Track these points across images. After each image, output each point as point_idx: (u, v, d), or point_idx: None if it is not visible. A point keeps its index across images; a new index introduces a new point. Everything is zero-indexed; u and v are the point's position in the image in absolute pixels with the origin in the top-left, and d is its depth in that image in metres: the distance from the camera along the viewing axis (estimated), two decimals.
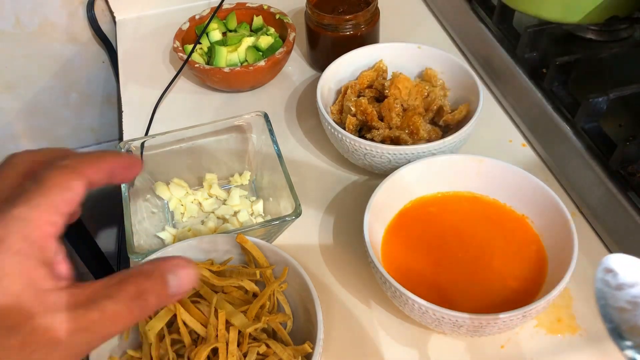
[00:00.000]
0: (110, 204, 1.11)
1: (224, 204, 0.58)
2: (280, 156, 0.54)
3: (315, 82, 0.63)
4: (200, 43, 0.74)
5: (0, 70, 0.86)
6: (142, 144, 0.56)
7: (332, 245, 0.55)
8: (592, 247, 0.53)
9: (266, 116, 0.57)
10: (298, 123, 0.68)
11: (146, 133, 0.67)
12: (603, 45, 0.67)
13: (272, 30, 0.75)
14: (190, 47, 0.71)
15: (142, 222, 0.53)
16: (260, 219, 0.57)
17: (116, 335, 0.27)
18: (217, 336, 0.41)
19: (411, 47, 0.64)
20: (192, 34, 0.75)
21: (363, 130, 0.61)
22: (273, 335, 0.44)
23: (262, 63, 0.68)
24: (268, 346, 0.41)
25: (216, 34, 0.75)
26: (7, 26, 0.82)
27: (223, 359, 0.40)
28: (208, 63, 0.72)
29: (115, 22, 0.86)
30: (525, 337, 0.47)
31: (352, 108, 0.59)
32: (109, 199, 1.10)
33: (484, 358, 0.46)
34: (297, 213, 0.49)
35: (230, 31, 0.77)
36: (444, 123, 0.61)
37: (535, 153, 0.62)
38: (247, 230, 0.49)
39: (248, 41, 0.73)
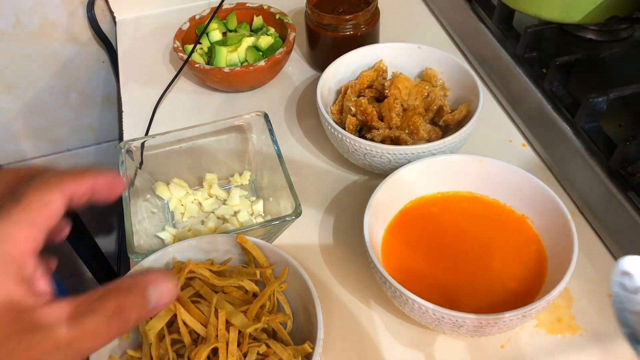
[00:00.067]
0: (110, 204, 1.11)
1: (224, 204, 0.58)
2: (280, 156, 0.54)
3: (315, 82, 0.63)
4: (200, 43, 0.74)
5: (0, 70, 0.87)
6: (142, 144, 0.56)
7: (332, 245, 0.55)
8: (592, 247, 0.53)
9: (266, 116, 0.57)
10: (298, 123, 0.68)
11: (146, 133, 0.67)
12: (603, 45, 0.67)
13: (272, 30, 0.75)
14: (190, 47, 0.71)
15: (142, 222, 0.53)
16: (260, 219, 0.57)
17: (97, 350, 0.27)
18: (217, 336, 0.41)
19: (411, 47, 0.64)
20: (192, 34, 0.75)
21: (363, 130, 0.61)
22: (273, 335, 0.44)
23: (262, 63, 0.68)
24: (268, 346, 0.41)
25: (216, 34, 0.75)
26: (7, 26, 0.82)
27: (223, 359, 0.40)
28: (208, 63, 0.72)
29: (115, 22, 0.86)
30: (525, 337, 0.47)
31: (352, 108, 0.59)
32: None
33: (484, 358, 0.46)
34: (297, 213, 0.49)
35: (230, 31, 0.77)
36: (444, 123, 0.61)
37: (535, 153, 0.62)
38: (247, 230, 0.49)
39: (248, 41, 0.73)
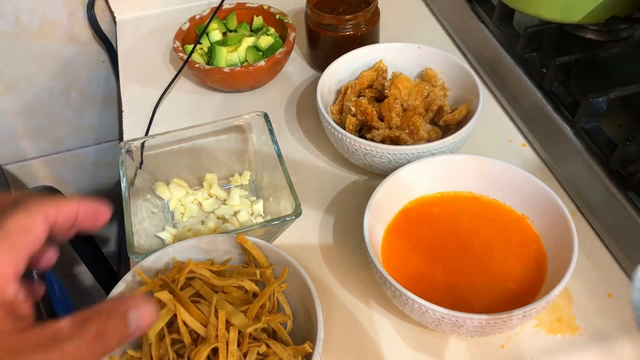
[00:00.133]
0: (110, 204, 1.11)
1: (224, 204, 0.58)
2: (280, 156, 0.54)
3: (315, 82, 0.63)
4: (200, 43, 0.74)
5: (0, 70, 0.87)
6: (142, 144, 0.56)
7: (332, 245, 0.55)
8: (592, 247, 0.53)
9: (266, 116, 0.57)
10: (298, 123, 0.68)
11: (146, 133, 0.67)
12: (603, 45, 0.67)
13: (272, 30, 0.75)
14: (190, 47, 0.71)
15: (142, 222, 0.53)
16: (260, 219, 0.57)
17: None
18: (217, 336, 0.41)
19: (411, 47, 0.64)
20: (192, 34, 0.75)
21: (363, 130, 0.61)
22: (273, 335, 0.44)
23: (262, 63, 0.68)
24: (268, 346, 0.41)
25: (216, 34, 0.75)
26: (7, 26, 0.82)
27: (223, 359, 0.40)
28: (208, 63, 0.72)
29: (115, 22, 0.86)
30: (525, 337, 0.47)
31: (352, 108, 0.59)
32: (109, 199, 1.10)
33: (484, 358, 0.46)
34: (297, 213, 0.49)
35: (230, 31, 0.77)
36: (444, 123, 0.61)
37: (535, 153, 0.62)
38: (247, 230, 0.49)
39: (248, 41, 0.73)
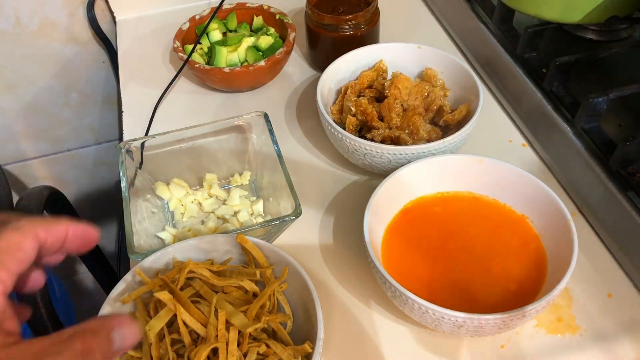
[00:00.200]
0: (110, 204, 1.11)
1: (224, 204, 0.58)
2: (280, 156, 0.54)
3: (315, 82, 0.63)
4: (200, 43, 0.74)
5: (0, 70, 0.87)
6: (142, 144, 0.56)
7: (332, 245, 0.55)
8: (592, 247, 0.53)
9: (266, 116, 0.57)
10: (298, 123, 0.68)
11: (146, 133, 0.67)
12: (603, 45, 0.67)
13: (272, 30, 0.75)
14: (190, 47, 0.71)
15: (142, 222, 0.53)
16: (260, 219, 0.57)
17: None
18: (217, 336, 0.41)
19: (411, 47, 0.64)
20: (192, 34, 0.75)
21: (363, 130, 0.61)
22: (273, 335, 0.44)
23: (262, 63, 0.68)
24: (268, 346, 0.41)
25: (216, 34, 0.75)
26: (7, 26, 0.82)
27: (223, 359, 0.40)
28: (208, 63, 0.72)
29: (115, 22, 0.86)
30: (525, 337, 0.47)
31: (352, 108, 0.59)
32: (109, 199, 1.11)
33: (484, 358, 0.46)
34: (297, 213, 0.49)
35: (230, 31, 0.77)
36: (444, 123, 0.61)
37: (535, 153, 0.62)
38: (247, 230, 0.49)
39: (248, 41, 0.73)
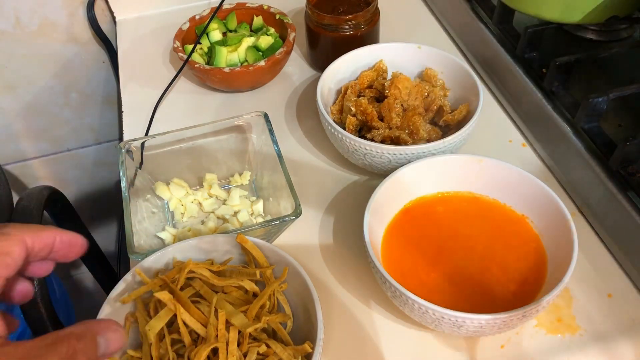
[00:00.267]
0: (110, 204, 1.12)
1: (224, 204, 0.58)
2: (280, 156, 0.54)
3: (315, 82, 0.63)
4: (200, 43, 0.74)
5: (0, 70, 0.87)
6: (142, 144, 0.56)
7: (332, 245, 0.55)
8: (592, 247, 0.53)
9: (266, 116, 0.57)
10: (298, 123, 0.68)
11: (146, 133, 0.67)
12: (603, 45, 0.67)
13: (272, 30, 0.75)
14: (190, 47, 0.71)
15: (142, 222, 0.53)
16: (260, 219, 0.57)
17: None
18: (217, 336, 0.41)
19: (411, 47, 0.64)
20: (192, 34, 0.75)
21: (363, 130, 0.61)
22: (273, 335, 0.44)
23: (262, 63, 0.68)
24: (268, 346, 0.41)
25: (216, 34, 0.75)
26: (7, 26, 0.82)
27: (223, 359, 0.40)
28: (208, 63, 0.72)
29: (115, 22, 0.86)
30: (525, 337, 0.47)
31: (352, 108, 0.59)
32: (109, 199, 1.11)
33: (484, 358, 0.46)
34: (297, 213, 0.49)
35: (230, 31, 0.77)
36: (444, 123, 0.61)
37: (535, 153, 0.62)
38: (247, 230, 0.49)
39: (248, 41, 0.73)
